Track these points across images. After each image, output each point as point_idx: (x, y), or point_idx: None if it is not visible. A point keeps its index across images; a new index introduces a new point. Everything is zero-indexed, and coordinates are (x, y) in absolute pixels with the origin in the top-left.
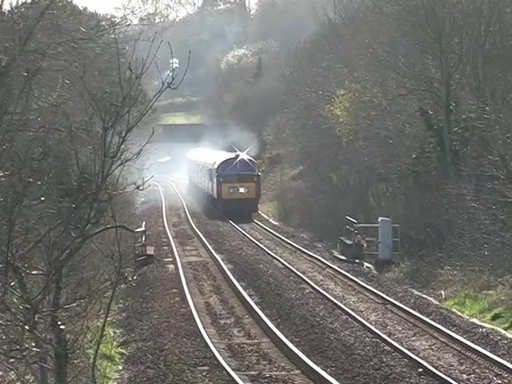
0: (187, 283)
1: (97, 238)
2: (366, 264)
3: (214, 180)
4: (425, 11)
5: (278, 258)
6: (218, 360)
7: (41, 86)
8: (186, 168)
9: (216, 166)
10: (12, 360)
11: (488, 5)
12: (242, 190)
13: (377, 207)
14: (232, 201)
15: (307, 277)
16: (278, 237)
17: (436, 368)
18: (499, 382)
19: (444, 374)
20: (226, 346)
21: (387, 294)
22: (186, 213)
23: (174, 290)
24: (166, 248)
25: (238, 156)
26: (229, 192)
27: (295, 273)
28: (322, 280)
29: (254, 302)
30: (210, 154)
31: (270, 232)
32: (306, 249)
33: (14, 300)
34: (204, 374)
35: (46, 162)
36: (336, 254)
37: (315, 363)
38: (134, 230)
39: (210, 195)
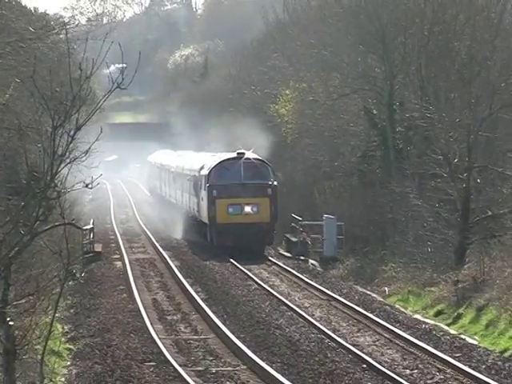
0: (135, 280)
1: (45, 235)
2: (310, 261)
3: (203, 194)
4: (367, 12)
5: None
6: (164, 356)
7: None
8: (147, 175)
9: (206, 172)
10: None
11: (431, 6)
12: (248, 209)
13: (322, 205)
14: (232, 227)
15: (253, 274)
16: None
17: (380, 363)
18: (441, 377)
19: (387, 369)
20: (173, 341)
21: (332, 291)
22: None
23: (121, 287)
24: (113, 245)
25: (241, 155)
26: (227, 213)
27: (241, 270)
28: (267, 277)
29: (201, 299)
30: (191, 156)
31: None
32: None
33: None
34: (151, 369)
35: None
36: (281, 251)
37: (261, 359)
38: (82, 227)
39: (192, 217)
